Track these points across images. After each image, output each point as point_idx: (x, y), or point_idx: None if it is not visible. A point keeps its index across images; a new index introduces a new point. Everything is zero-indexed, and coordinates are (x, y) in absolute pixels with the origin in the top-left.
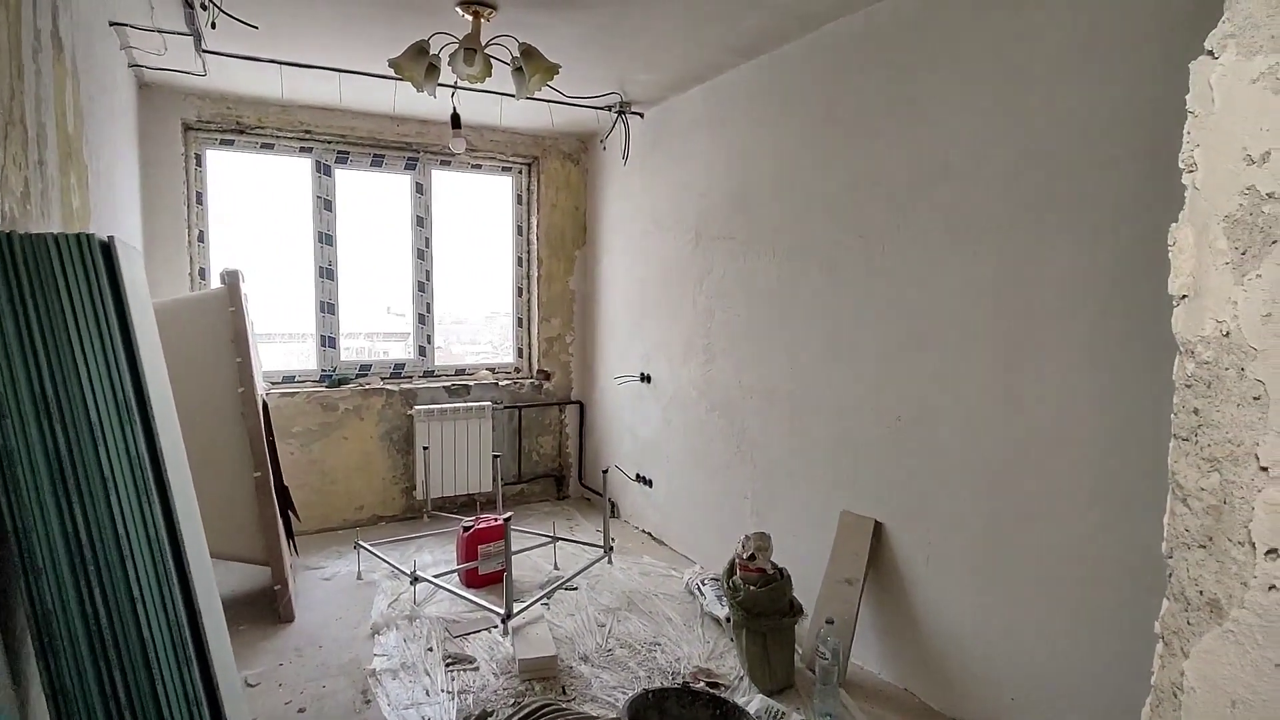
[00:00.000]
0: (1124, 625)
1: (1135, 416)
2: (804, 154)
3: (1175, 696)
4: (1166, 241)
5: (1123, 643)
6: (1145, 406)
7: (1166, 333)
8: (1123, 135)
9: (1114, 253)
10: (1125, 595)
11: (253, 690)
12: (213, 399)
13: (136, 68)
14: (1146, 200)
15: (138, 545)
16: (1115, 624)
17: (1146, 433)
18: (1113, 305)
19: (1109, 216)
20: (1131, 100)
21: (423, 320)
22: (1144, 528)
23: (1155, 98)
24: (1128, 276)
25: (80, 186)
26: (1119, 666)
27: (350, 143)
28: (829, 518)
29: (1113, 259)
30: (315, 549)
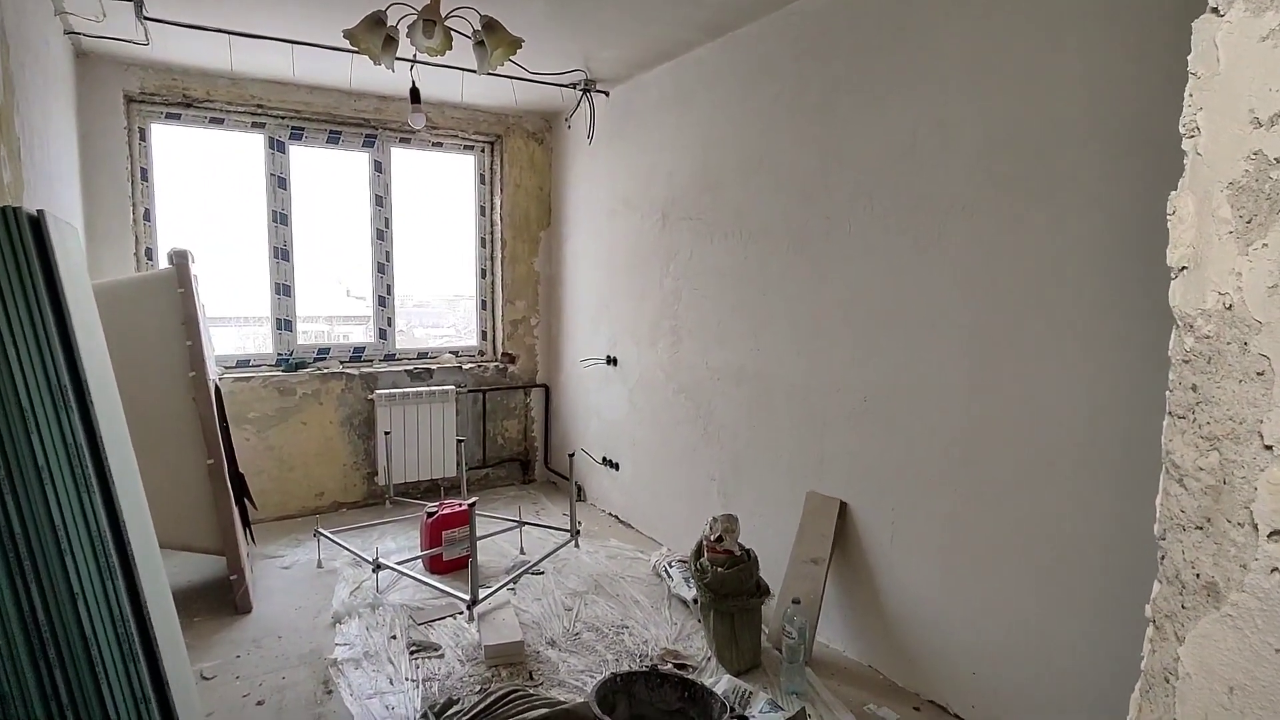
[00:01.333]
0: (1086, 602)
1: (1104, 395)
2: (771, 134)
3: (1168, 682)
4: (1141, 217)
5: (1084, 619)
6: (1116, 384)
7: (1138, 310)
8: (1095, 111)
9: (1086, 230)
10: (1089, 572)
11: (208, 684)
12: (161, 384)
13: (72, 34)
14: (1120, 177)
15: (77, 538)
16: (1077, 600)
17: (1116, 411)
18: (1083, 283)
19: (1080, 194)
20: (1105, 74)
21: (383, 303)
22: (1110, 505)
23: (1131, 70)
24: (1100, 254)
25: (11, 160)
26: (1079, 642)
27: (305, 118)
28: (795, 499)
29: (1085, 236)
30: (274, 537)
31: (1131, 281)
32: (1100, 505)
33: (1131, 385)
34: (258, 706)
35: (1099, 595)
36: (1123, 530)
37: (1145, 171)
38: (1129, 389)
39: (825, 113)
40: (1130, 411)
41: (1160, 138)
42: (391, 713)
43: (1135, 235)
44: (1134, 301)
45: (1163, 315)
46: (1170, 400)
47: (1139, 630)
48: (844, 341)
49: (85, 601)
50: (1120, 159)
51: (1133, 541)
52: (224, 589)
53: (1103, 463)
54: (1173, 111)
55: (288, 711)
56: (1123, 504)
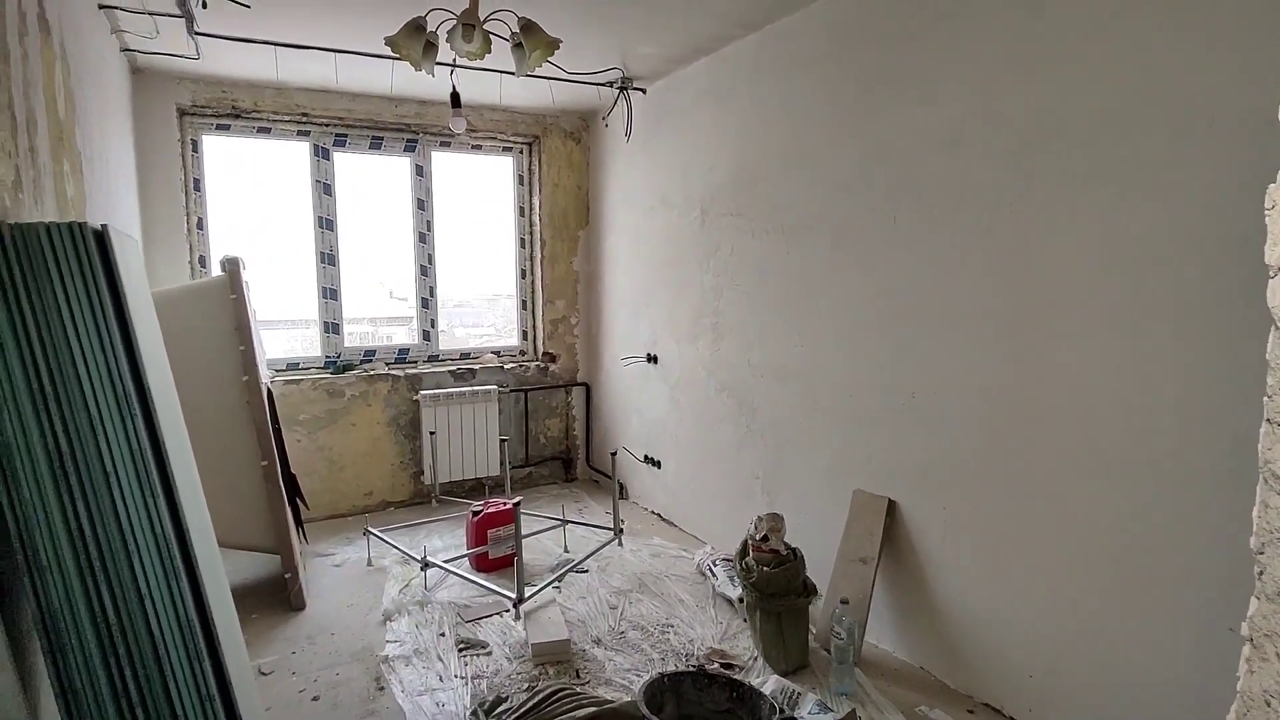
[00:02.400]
0: (1156, 605)
1: (1163, 390)
2: (811, 127)
3: (1269, 705)
4: (1202, 208)
5: (1153, 622)
6: (1177, 379)
7: (1199, 303)
8: (1150, 97)
9: (1142, 222)
10: (1159, 574)
11: (266, 679)
12: (217, 388)
13: (129, 52)
14: (1179, 165)
15: (143, 540)
16: (1146, 603)
17: (1175, 407)
18: (1141, 276)
19: (1136, 184)
20: (1163, 57)
21: (426, 304)
22: (1175, 505)
23: (1191, 53)
24: (1157, 246)
25: (74, 174)
26: (1147, 646)
27: (348, 125)
28: (841, 497)
29: (1141, 228)
30: (325, 536)
31: (1191, 275)
32: (1170, 505)
33: (1192, 380)
34: (313, 702)
35: (1171, 598)
36: (1197, 532)
37: (1206, 159)
38: (1190, 384)
39: (866, 105)
40: (1192, 407)
41: (1223, 123)
42: (442, 709)
43: (1195, 227)
44: (1195, 295)
45: (1227, 309)
46: (1269, 407)
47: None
48: (889, 337)
49: (152, 602)
50: (1179, 147)
51: (1207, 543)
52: (279, 586)
53: (1170, 460)
54: (1237, 96)
55: (342, 707)
56: (1193, 504)
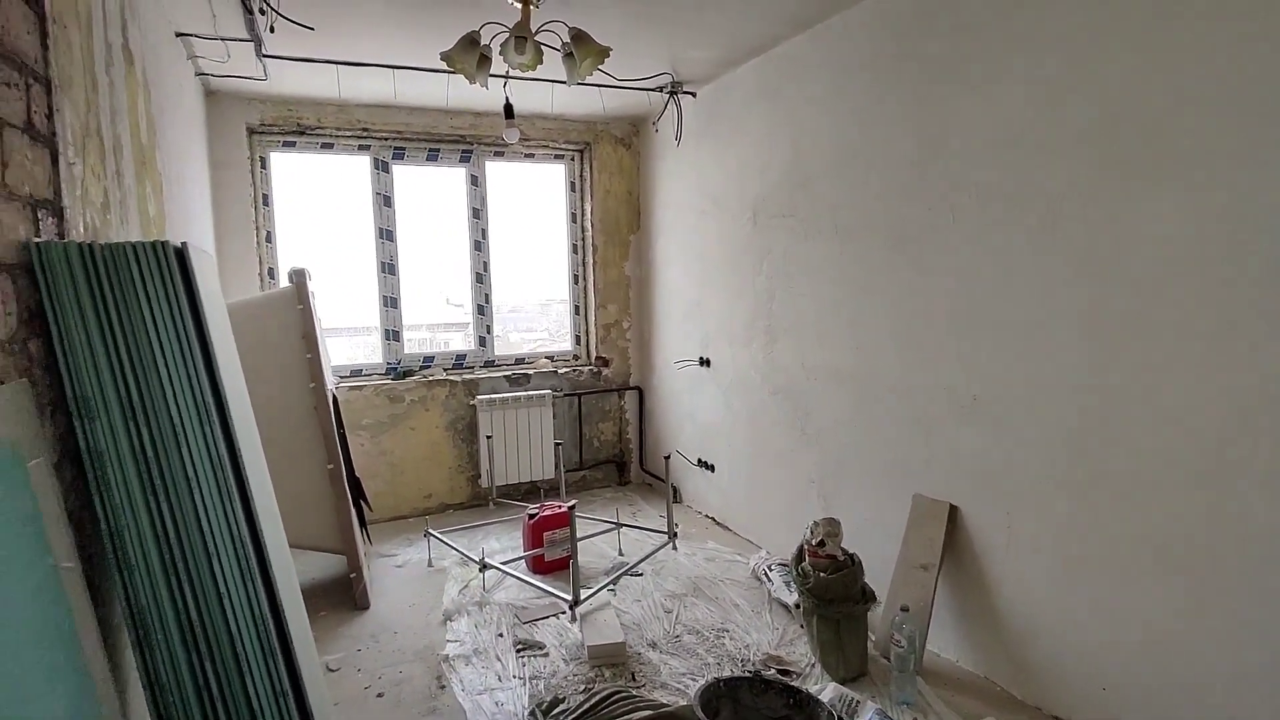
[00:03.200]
0: (1234, 616)
1: (1248, 392)
2: (866, 126)
3: None
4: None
5: (1232, 635)
6: (1260, 381)
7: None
8: (1226, 84)
9: (1221, 212)
10: (1237, 585)
11: (333, 675)
12: (286, 395)
13: (202, 76)
14: (1261, 152)
15: (222, 543)
16: (1224, 614)
17: (1262, 410)
18: (1222, 270)
19: (1214, 173)
20: (1238, 44)
21: (482, 311)
22: (1262, 513)
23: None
24: (1240, 237)
25: (155, 194)
26: (1226, 659)
27: (406, 138)
28: (900, 502)
29: (1221, 219)
30: (387, 537)
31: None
32: (1256, 513)
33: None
34: (378, 699)
35: (1255, 611)
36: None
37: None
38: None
39: (923, 100)
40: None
41: None
42: (500, 709)
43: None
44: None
45: None
46: None
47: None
48: (950, 338)
49: (230, 601)
50: (1262, 133)
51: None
52: (344, 586)
53: (1257, 466)
54: None
55: (405, 704)
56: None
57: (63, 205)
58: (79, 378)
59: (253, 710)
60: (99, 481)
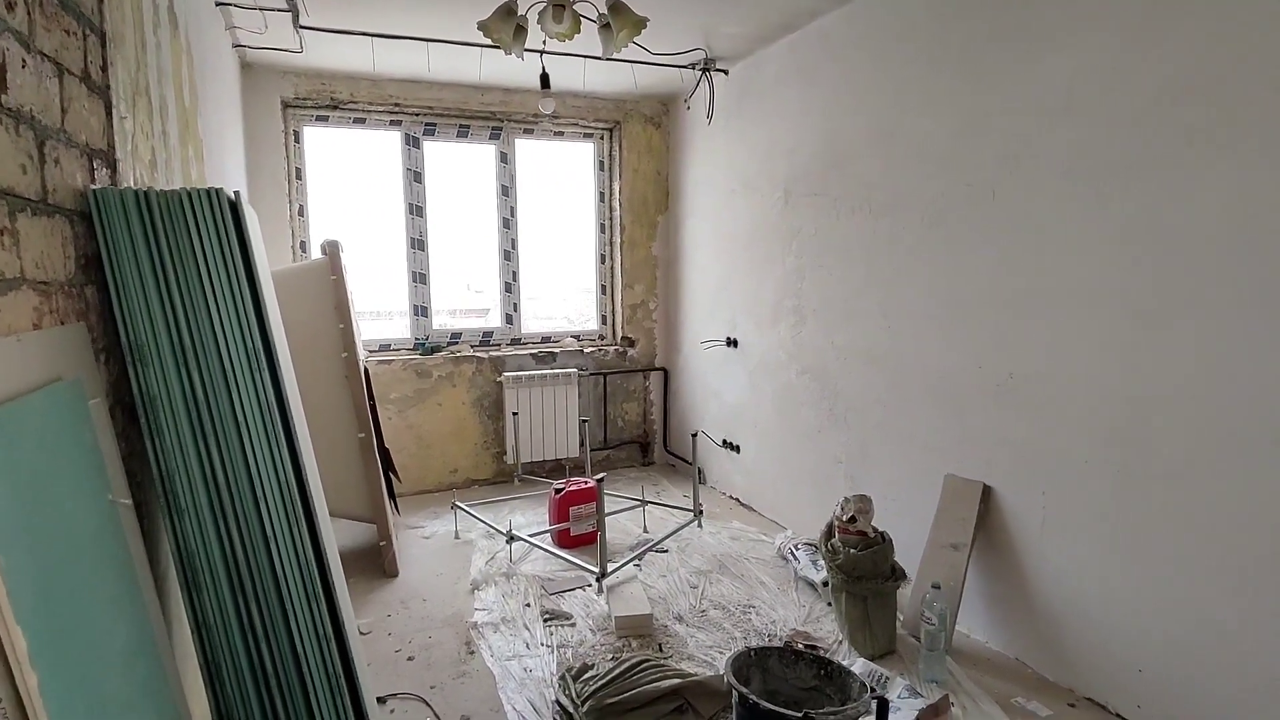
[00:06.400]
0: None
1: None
2: (903, 101)
3: None
4: None
5: (1275, 619)
6: None
7: None
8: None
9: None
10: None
11: (364, 638)
12: (318, 364)
13: (239, 48)
14: None
15: (269, 488)
16: (1267, 598)
17: None
18: (1273, 244)
19: (1271, 152)
20: None
21: (509, 289)
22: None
23: None
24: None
25: (197, 159)
26: (1269, 644)
27: (437, 114)
28: (931, 482)
29: (1276, 197)
30: (414, 509)
31: None
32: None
33: None
34: (409, 661)
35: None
36: None
37: None
38: None
39: (965, 72)
40: None
41: None
42: (529, 675)
43: None
44: None
45: None
46: None
47: None
48: (987, 316)
49: (276, 544)
50: None
51: None
52: (373, 554)
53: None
54: None
55: (435, 667)
56: None
57: (116, 157)
58: (134, 323)
59: (296, 653)
60: (151, 426)
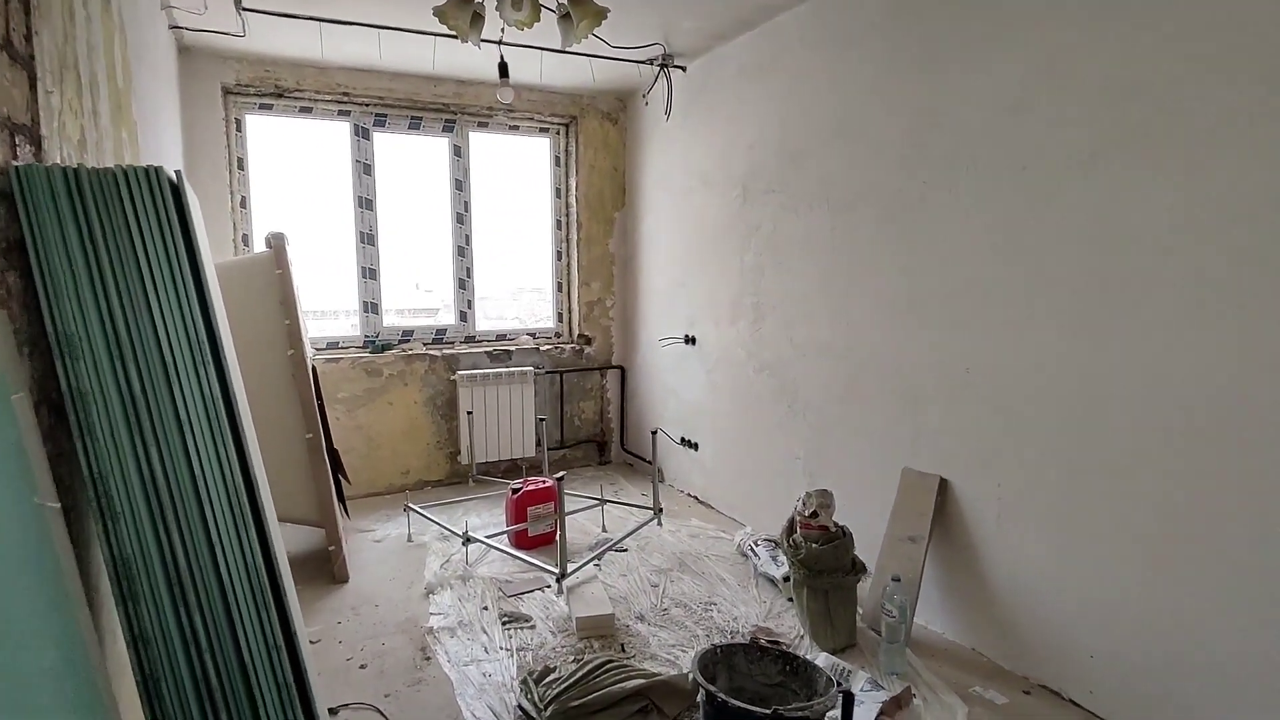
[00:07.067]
0: (1222, 584)
1: (1243, 365)
2: (861, 99)
3: None
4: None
5: (1219, 602)
6: (1256, 355)
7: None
8: (1239, 45)
9: (1231, 181)
10: (1224, 553)
11: (313, 647)
12: (263, 362)
13: (177, 29)
14: (1259, 130)
15: (215, 490)
16: (1212, 582)
17: (1255, 383)
18: (1222, 244)
19: (1224, 141)
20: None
21: (463, 285)
22: (1249, 483)
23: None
24: (1247, 207)
25: (131, 142)
26: (1214, 626)
27: (388, 105)
28: (888, 476)
29: (1229, 188)
30: (364, 512)
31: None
32: (1244, 484)
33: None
34: (361, 670)
35: (1242, 578)
36: (1271, 509)
37: None
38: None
39: (921, 71)
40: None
41: None
42: (488, 679)
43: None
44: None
45: None
46: None
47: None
48: (943, 311)
49: (222, 550)
50: (1267, 104)
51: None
52: (321, 559)
53: (1249, 437)
54: None
55: (389, 675)
56: (1268, 483)
57: (41, 134)
58: (62, 313)
59: (244, 664)
60: (82, 425)
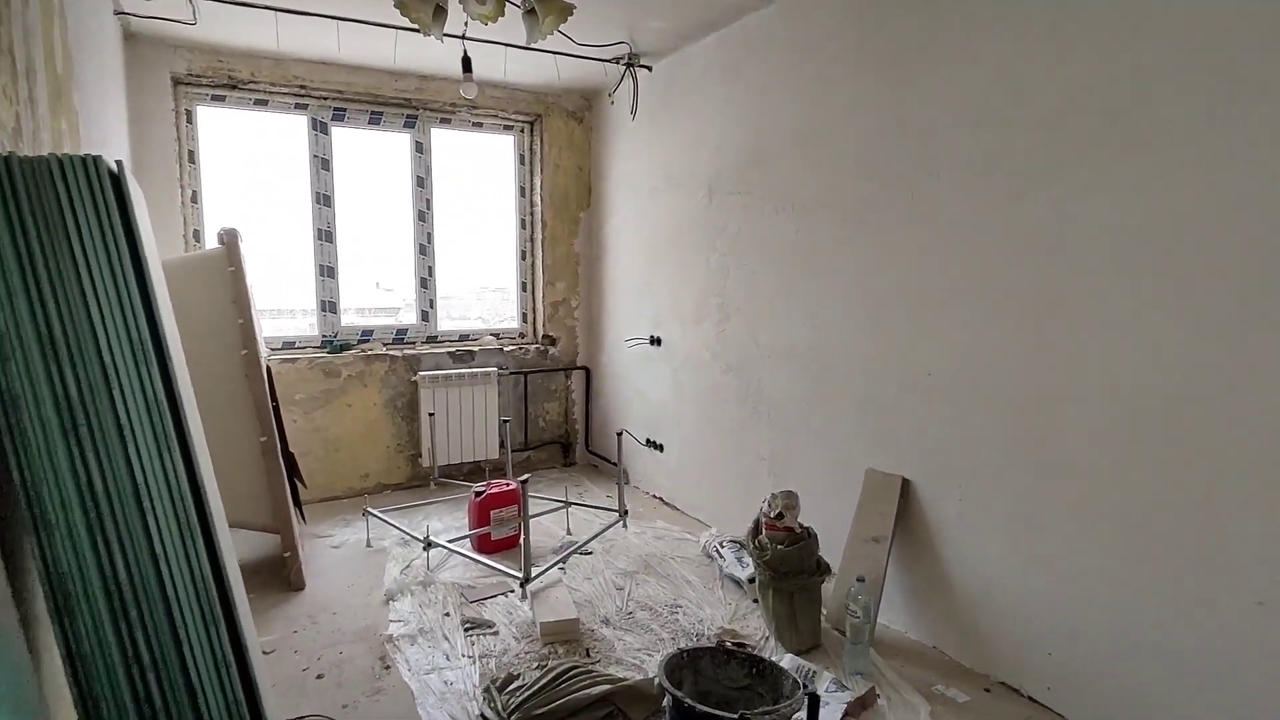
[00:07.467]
0: (1174, 580)
1: (1194, 368)
2: (827, 102)
3: None
4: (1246, 174)
5: (1173, 598)
6: (1205, 357)
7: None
8: (1189, 64)
9: (1181, 189)
10: (1177, 550)
11: (268, 657)
12: (215, 362)
13: (122, 15)
14: (1220, 130)
15: (159, 498)
16: (1165, 579)
17: (1205, 385)
18: (1174, 250)
19: (1175, 150)
20: (1201, 24)
21: (425, 284)
22: (1202, 481)
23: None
24: (1197, 214)
25: (72, 133)
26: (1167, 622)
27: (347, 99)
28: (853, 477)
29: (1180, 196)
30: (321, 517)
31: (1232, 250)
32: (1192, 482)
33: (1225, 357)
34: (318, 680)
35: (1194, 574)
36: (1219, 508)
37: (1252, 121)
38: (1222, 361)
39: (885, 77)
40: (1221, 385)
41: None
42: (450, 688)
43: (1238, 199)
44: (1234, 272)
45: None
46: None
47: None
48: (906, 314)
49: (167, 563)
50: (1221, 114)
51: (1232, 520)
52: (276, 566)
53: (1195, 436)
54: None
55: (348, 685)
56: (1217, 479)
57: None
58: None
59: (190, 683)
60: (13, 430)
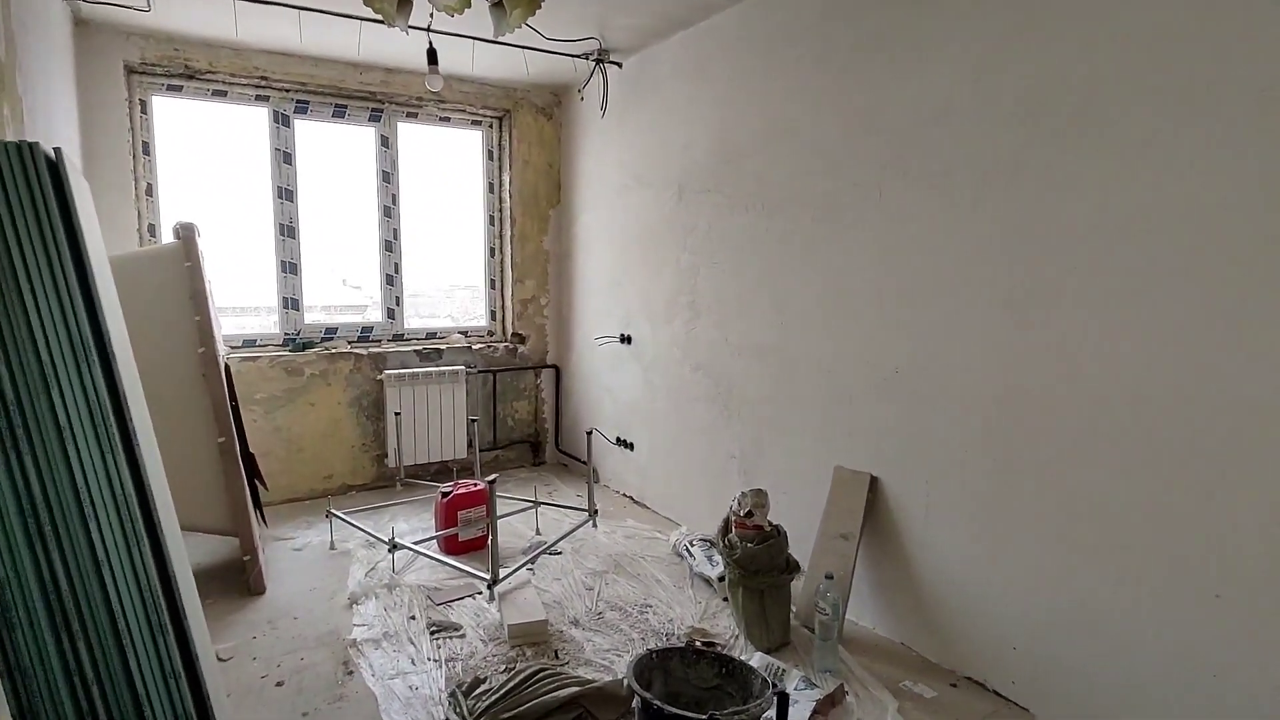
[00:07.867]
0: (1137, 575)
1: (1158, 367)
2: (795, 101)
3: None
4: (1208, 173)
5: (1135, 593)
6: (1169, 356)
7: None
8: (1148, 65)
9: (1145, 187)
10: (1140, 545)
11: (225, 665)
12: (170, 360)
13: (71, 0)
14: (1185, 128)
15: (102, 503)
16: (1127, 574)
17: (1169, 379)
18: (1138, 249)
19: (1140, 149)
20: (1161, 26)
21: (391, 281)
22: (1163, 478)
23: (1192, 20)
24: (1162, 213)
25: (14, 120)
26: (1129, 616)
27: (310, 91)
28: (822, 474)
29: (1144, 194)
30: (283, 519)
31: (1193, 249)
32: (1151, 478)
33: (1187, 356)
34: (277, 688)
35: (1155, 569)
36: (1177, 503)
37: (1212, 123)
38: (1185, 361)
39: (853, 76)
40: (1184, 380)
41: (1225, 89)
42: (415, 693)
43: (1198, 198)
44: (1196, 271)
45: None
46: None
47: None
48: (874, 312)
49: (110, 570)
50: (1184, 109)
51: (1193, 517)
52: (235, 570)
53: (1155, 434)
54: (1239, 63)
55: (309, 692)
56: (1176, 476)
57: None
58: None
59: (136, 695)
60: None
